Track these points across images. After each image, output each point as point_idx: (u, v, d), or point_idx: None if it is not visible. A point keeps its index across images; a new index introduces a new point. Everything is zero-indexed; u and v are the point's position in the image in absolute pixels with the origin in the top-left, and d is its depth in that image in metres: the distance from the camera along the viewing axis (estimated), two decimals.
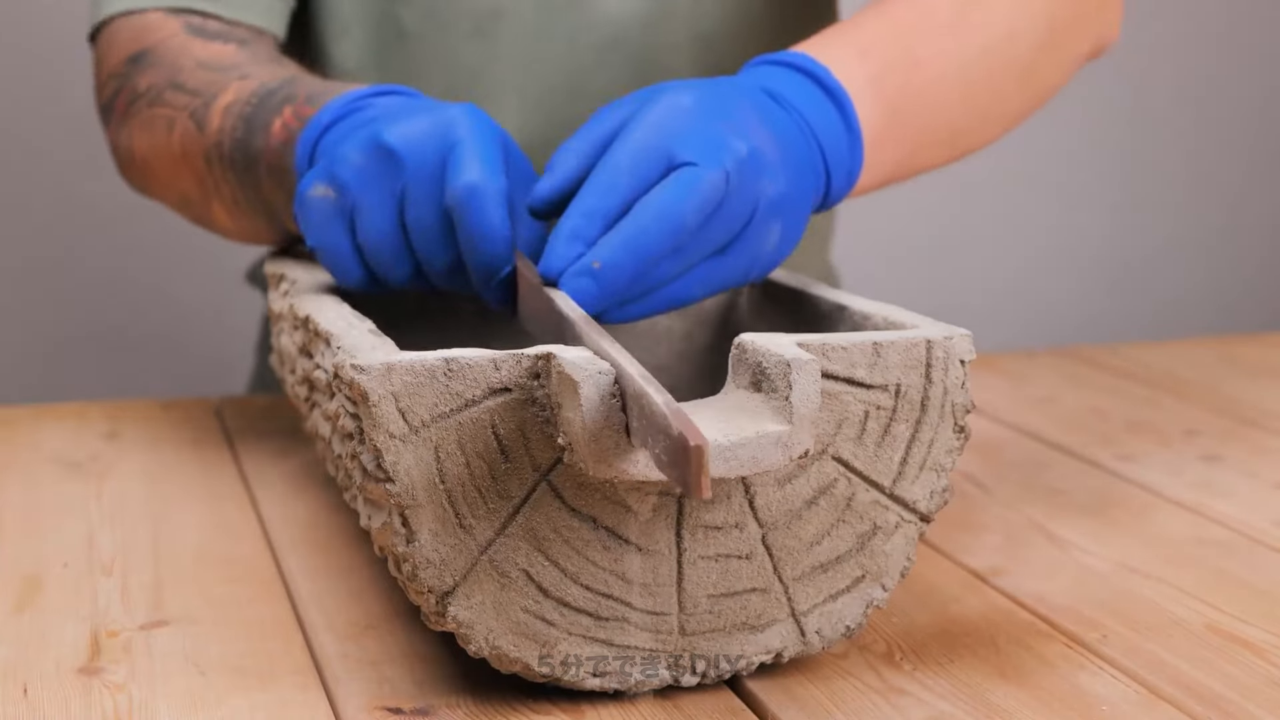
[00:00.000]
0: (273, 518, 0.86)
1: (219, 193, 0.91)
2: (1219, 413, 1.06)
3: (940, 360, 0.65)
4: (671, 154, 0.68)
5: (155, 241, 1.96)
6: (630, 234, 0.66)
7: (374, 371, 0.59)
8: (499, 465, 0.60)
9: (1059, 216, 2.36)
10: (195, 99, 0.91)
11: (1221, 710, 0.63)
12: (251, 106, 0.87)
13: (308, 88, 0.85)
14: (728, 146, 0.68)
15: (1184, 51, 2.36)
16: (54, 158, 1.91)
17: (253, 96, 0.87)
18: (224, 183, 0.89)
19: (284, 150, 0.83)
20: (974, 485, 0.91)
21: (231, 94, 0.89)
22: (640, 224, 0.66)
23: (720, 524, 0.63)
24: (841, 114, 0.77)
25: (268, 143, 0.85)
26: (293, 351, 0.79)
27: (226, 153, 0.88)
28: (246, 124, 0.86)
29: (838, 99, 0.77)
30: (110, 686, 0.65)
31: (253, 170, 0.87)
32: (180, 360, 2.00)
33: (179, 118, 0.91)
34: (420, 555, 0.60)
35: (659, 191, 0.67)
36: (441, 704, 0.63)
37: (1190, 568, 0.78)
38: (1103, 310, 2.38)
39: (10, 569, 0.79)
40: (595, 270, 0.66)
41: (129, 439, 1.01)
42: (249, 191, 0.88)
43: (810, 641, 0.65)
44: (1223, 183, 2.42)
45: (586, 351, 0.59)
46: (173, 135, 0.92)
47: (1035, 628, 0.71)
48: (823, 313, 0.76)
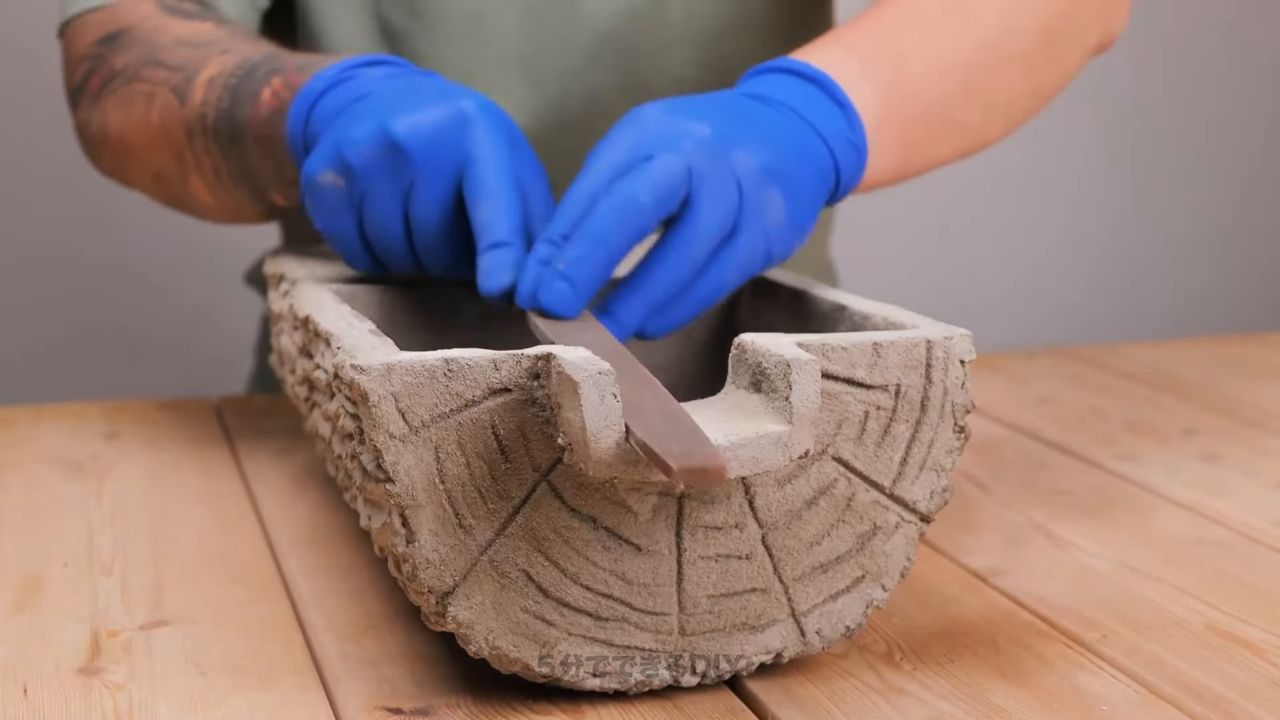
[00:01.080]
0: (273, 518, 0.86)
1: (199, 167, 0.90)
2: (1219, 413, 1.06)
3: (940, 360, 0.65)
4: (633, 155, 0.70)
5: (155, 242, 1.96)
6: (588, 226, 0.68)
7: (374, 372, 0.59)
8: (499, 465, 0.60)
9: (1059, 217, 2.36)
10: (177, 74, 0.90)
11: (1221, 710, 0.63)
12: (237, 78, 0.86)
13: (295, 59, 0.86)
14: (686, 133, 0.70)
15: (1184, 52, 2.36)
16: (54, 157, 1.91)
17: (238, 69, 0.87)
18: (205, 155, 0.89)
19: (274, 119, 0.84)
20: (974, 485, 0.91)
21: (215, 67, 0.89)
22: (596, 215, 0.68)
23: (720, 524, 0.63)
24: (828, 94, 0.78)
25: (255, 112, 0.85)
26: (293, 351, 0.79)
27: (210, 124, 0.87)
28: (232, 94, 0.86)
29: (820, 83, 0.78)
30: (110, 686, 0.65)
31: (239, 141, 0.86)
32: (180, 360, 2.00)
33: (158, 91, 0.91)
34: (420, 555, 0.60)
35: (616, 184, 0.69)
36: (441, 704, 0.63)
37: (1190, 568, 0.78)
38: (1103, 310, 2.38)
39: (10, 569, 0.79)
40: (561, 270, 0.68)
41: (129, 439, 1.01)
42: (233, 163, 0.88)
43: (810, 641, 0.65)
44: (1223, 183, 2.42)
45: (586, 352, 0.59)
46: (151, 110, 0.91)
47: (1035, 628, 0.71)
48: (823, 313, 0.76)
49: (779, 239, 0.73)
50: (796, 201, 0.73)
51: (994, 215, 2.33)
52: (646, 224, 0.68)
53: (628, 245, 0.68)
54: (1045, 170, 2.32)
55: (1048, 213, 2.35)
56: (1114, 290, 2.39)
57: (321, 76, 0.81)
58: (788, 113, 0.76)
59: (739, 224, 0.71)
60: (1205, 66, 2.37)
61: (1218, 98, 2.38)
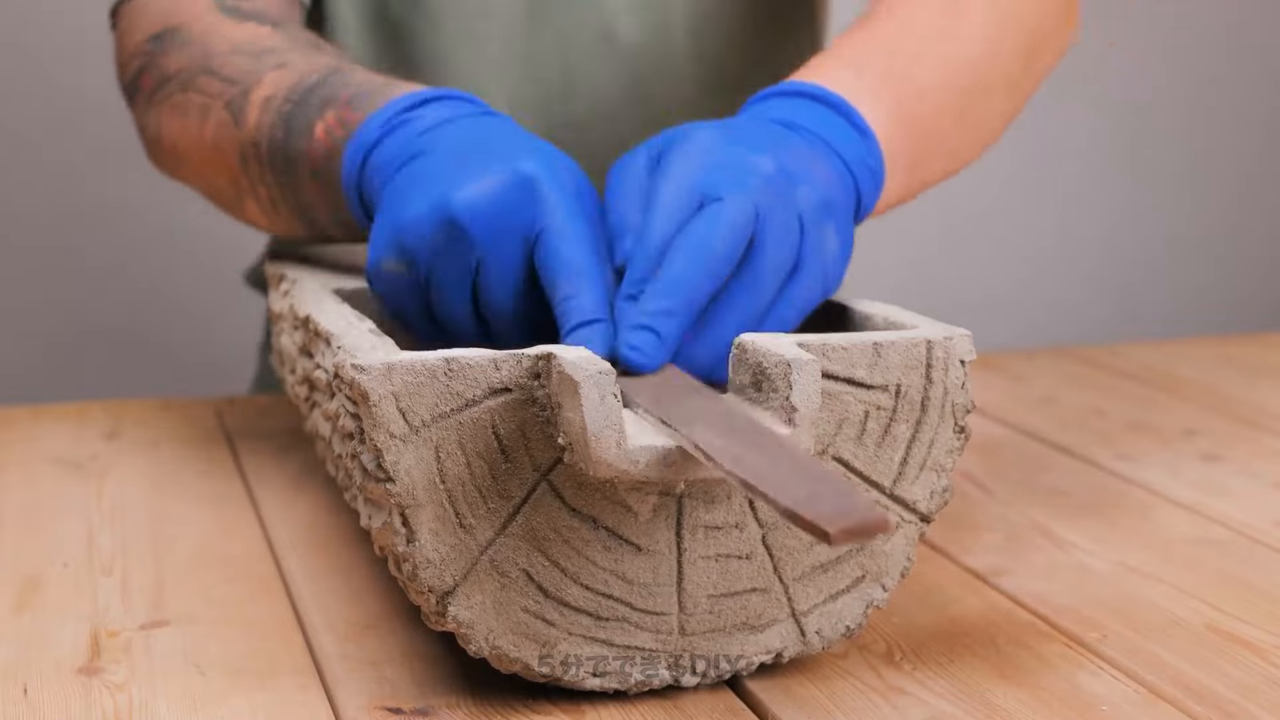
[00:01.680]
0: (273, 518, 0.86)
1: (254, 192, 0.88)
2: (1219, 413, 1.06)
3: (940, 360, 0.65)
4: (703, 192, 0.67)
5: (156, 241, 1.96)
6: (669, 278, 0.65)
7: (374, 371, 0.59)
8: (499, 465, 0.60)
9: (1059, 217, 2.36)
10: (231, 87, 0.88)
11: (1221, 710, 0.63)
12: (291, 104, 0.83)
13: (349, 87, 0.82)
14: (752, 170, 0.68)
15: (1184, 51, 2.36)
16: (54, 157, 1.91)
17: (292, 92, 0.84)
18: (260, 184, 0.87)
19: (328, 160, 0.81)
20: (974, 485, 0.91)
21: (269, 86, 0.86)
22: (675, 265, 0.65)
23: (720, 524, 0.63)
24: (850, 122, 0.77)
25: (310, 147, 0.82)
26: (293, 351, 0.79)
27: (265, 153, 0.85)
28: (286, 124, 0.83)
29: (842, 110, 0.77)
30: (110, 686, 0.65)
31: (293, 173, 0.84)
32: (180, 360, 2.00)
33: (213, 106, 0.88)
34: (420, 555, 0.60)
35: (689, 230, 0.66)
36: (441, 704, 0.63)
37: (1190, 568, 0.78)
38: (1103, 310, 2.38)
39: (10, 569, 0.79)
40: (644, 322, 0.65)
41: (129, 439, 1.01)
42: (288, 194, 0.85)
43: (810, 641, 0.65)
44: (1223, 183, 2.42)
45: (586, 351, 0.59)
46: (205, 125, 0.89)
47: (1035, 628, 0.71)
48: (823, 313, 0.76)
49: (835, 272, 0.71)
50: (844, 232, 0.72)
51: (994, 215, 2.33)
52: (724, 273, 0.66)
53: (709, 294, 0.66)
54: (1045, 170, 2.32)
55: (1047, 212, 2.35)
56: (1114, 290, 2.39)
57: (374, 122, 0.77)
58: (815, 140, 0.74)
59: (801, 261, 0.69)
60: (1205, 66, 2.37)
61: (1218, 97, 2.38)
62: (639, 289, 0.66)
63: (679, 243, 0.66)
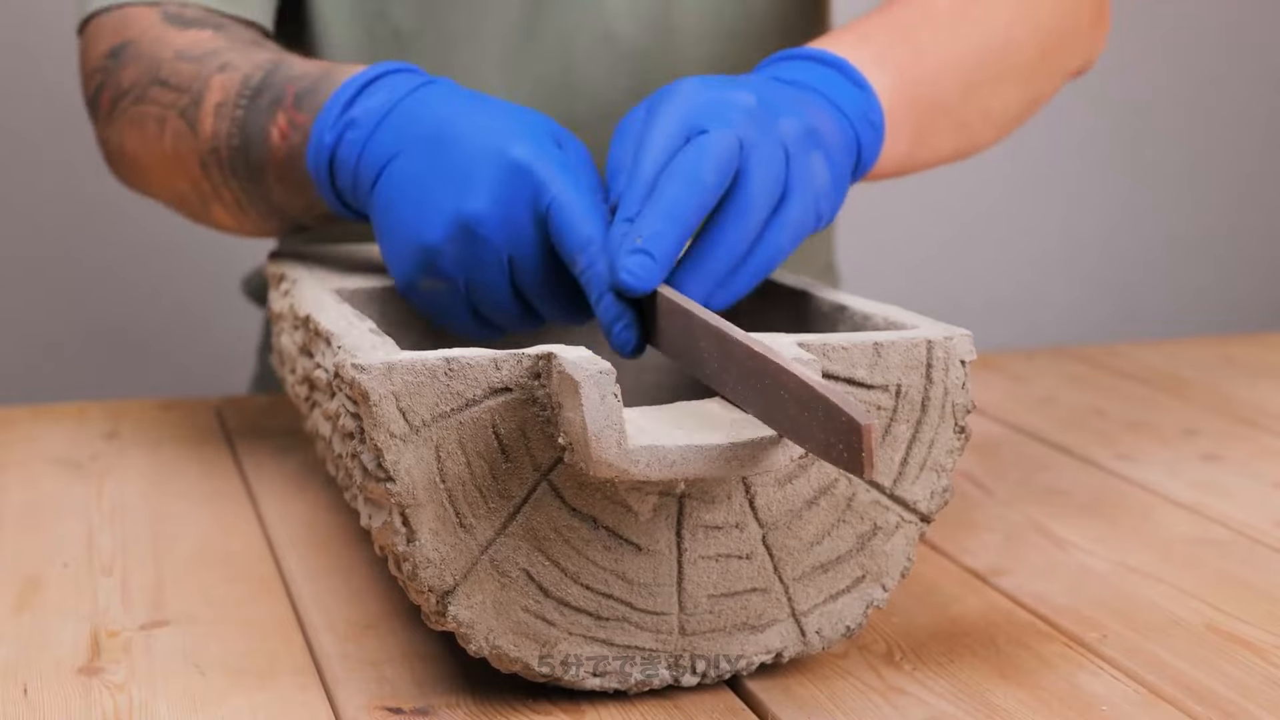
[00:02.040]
0: (273, 518, 0.86)
1: (219, 196, 0.90)
2: (1219, 413, 1.06)
3: (941, 360, 0.65)
4: (689, 127, 0.71)
5: (156, 241, 1.96)
6: (659, 204, 0.68)
7: (375, 371, 0.59)
8: (499, 465, 0.60)
9: (1059, 217, 2.36)
10: (182, 95, 0.90)
11: (1221, 710, 0.63)
12: (242, 109, 0.86)
13: (292, 82, 0.85)
14: (734, 104, 0.71)
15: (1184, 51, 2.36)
16: (53, 157, 1.91)
17: (240, 96, 0.86)
18: (224, 188, 0.89)
19: (290, 163, 0.83)
20: (974, 485, 0.91)
21: (218, 91, 0.88)
22: (664, 192, 0.68)
23: (720, 524, 0.63)
24: (847, 77, 0.79)
25: (270, 154, 0.84)
26: (293, 351, 0.79)
27: (225, 160, 0.87)
28: (241, 130, 0.86)
29: (839, 67, 0.80)
30: (110, 686, 0.65)
31: (259, 179, 0.86)
32: (180, 360, 2.00)
33: (168, 116, 0.90)
34: (420, 555, 0.60)
35: (676, 161, 0.69)
36: (441, 704, 0.63)
37: (1190, 568, 0.78)
38: (1103, 310, 2.38)
39: (10, 569, 0.79)
40: (640, 245, 0.68)
41: (129, 439, 1.01)
42: (254, 196, 0.88)
43: (810, 641, 0.65)
44: (1223, 183, 2.42)
45: (587, 351, 0.59)
46: (163, 136, 0.91)
47: (1035, 628, 0.71)
48: (823, 313, 0.76)
49: (826, 199, 0.74)
50: (835, 164, 0.75)
51: (994, 215, 2.33)
52: (711, 201, 0.69)
53: (697, 220, 0.69)
54: (1045, 170, 2.32)
55: (1048, 213, 2.35)
56: (1114, 290, 2.39)
57: (323, 124, 0.80)
58: (811, 92, 0.78)
59: (789, 188, 0.72)
60: (1205, 66, 2.37)
61: (1218, 97, 2.38)
62: (629, 216, 0.69)
63: (667, 172, 0.69)
